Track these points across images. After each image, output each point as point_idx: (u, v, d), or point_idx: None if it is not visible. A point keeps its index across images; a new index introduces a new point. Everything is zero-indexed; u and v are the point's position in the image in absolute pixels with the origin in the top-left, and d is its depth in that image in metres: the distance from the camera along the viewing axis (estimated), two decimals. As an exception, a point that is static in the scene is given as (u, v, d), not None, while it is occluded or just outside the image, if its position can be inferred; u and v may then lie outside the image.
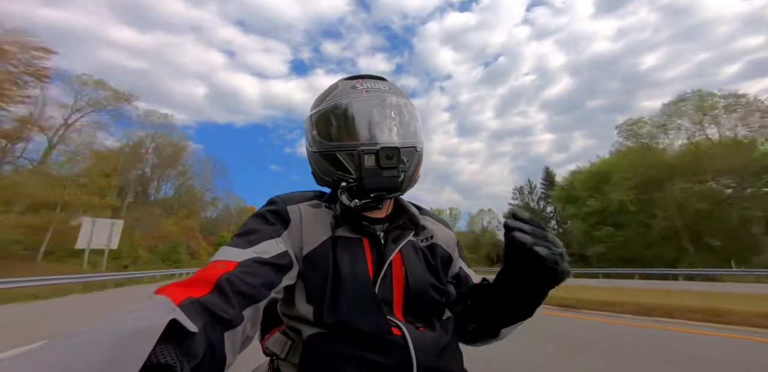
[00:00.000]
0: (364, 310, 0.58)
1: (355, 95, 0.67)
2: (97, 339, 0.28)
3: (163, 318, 0.33)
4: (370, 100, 0.67)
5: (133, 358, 0.27)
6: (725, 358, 3.23)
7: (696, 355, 3.36)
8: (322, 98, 0.71)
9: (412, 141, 0.68)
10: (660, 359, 3.23)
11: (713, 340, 4.05)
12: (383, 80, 0.73)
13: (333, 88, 0.72)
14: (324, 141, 0.67)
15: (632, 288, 10.44)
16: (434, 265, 0.69)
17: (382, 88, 0.70)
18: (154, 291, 0.42)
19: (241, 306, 0.46)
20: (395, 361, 0.55)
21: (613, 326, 5.01)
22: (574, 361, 3.24)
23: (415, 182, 0.71)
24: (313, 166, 0.73)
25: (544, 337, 4.19)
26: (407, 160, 0.65)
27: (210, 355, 0.39)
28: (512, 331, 0.70)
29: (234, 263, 0.50)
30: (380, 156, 0.60)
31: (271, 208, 0.65)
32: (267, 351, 0.66)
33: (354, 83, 0.70)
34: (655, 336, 4.31)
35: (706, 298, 6.86)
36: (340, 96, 0.68)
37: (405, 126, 0.69)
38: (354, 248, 0.63)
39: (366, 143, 0.64)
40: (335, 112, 0.67)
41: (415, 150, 0.68)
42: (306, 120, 0.73)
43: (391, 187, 0.62)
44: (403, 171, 0.63)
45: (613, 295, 7.91)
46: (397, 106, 0.69)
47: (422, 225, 0.73)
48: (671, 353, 3.45)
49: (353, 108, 0.66)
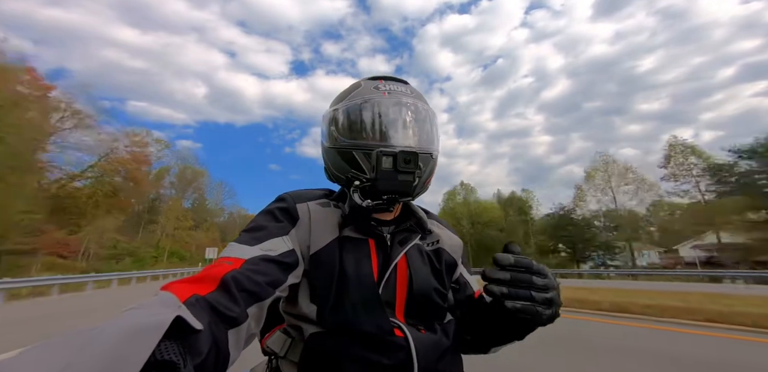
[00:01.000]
0: (367, 310, 0.58)
1: (378, 96, 0.66)
2: (101, 335, 0.28)
3: (168, 315, 0.33)
4: (391, 101, 0.66)
5: (136, 354, 0.27)
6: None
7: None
8: (344, 95, 0.71)
9: (429, 147, 0.67)
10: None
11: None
12: (406, 84, 0.73)
13: (355, 86, 0.71)
14: (341, 137, 0.66)
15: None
16: (439, 269, 0.69)
17: (404, 92, 0.69)
18: (161, 287, 0.42)
19: (246, 304, 0.45)
20: (396, 362, 0.55)
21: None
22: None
23: (426, 189, 0.70)
24: (326, 162, 0.72)
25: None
26: (423, 165, 0.64)
27: (214, 353, 0.39)
28: (501, 349, 0.70)
29: (241, 261, 0.50)
30: (398, 159, 0.59)
31: (280, 205, 0.65)
32: (266, 349, 0.66)
33: (377, 84, 0.70)
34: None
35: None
36: (362, 95, 0.67)
37: (424, 132, 0.68)
38: (360, 249, 0.63)
39: (384, 144, 0.63)
40: (356, 110, 0.66)
41: (431, 157, 0.67)
42: (324, 115, 0.72)
43: (405, 192, 0.61)
44: (418, 176, 0.62)
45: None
46: (417, 111, 0.68)
47: (429, 229, 0.72)
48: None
49: (374, 108, 0.65)
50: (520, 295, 0.52)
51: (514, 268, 0.53)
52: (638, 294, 8.76)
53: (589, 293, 8.93)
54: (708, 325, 5.26)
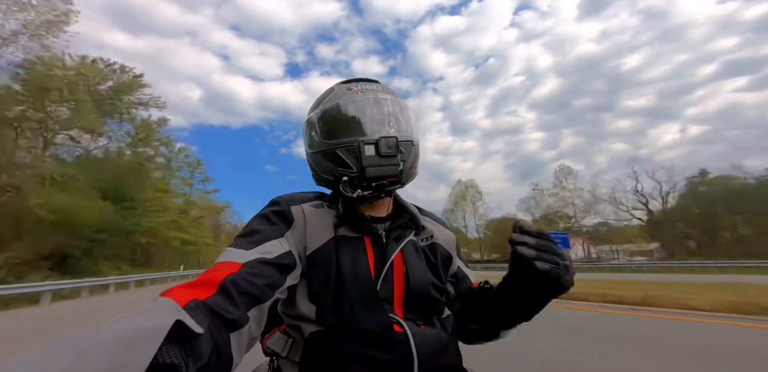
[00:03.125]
0: (365, 308, 0.58)
1: (351, 95, 0.70)
2: (101, 340, 0.27)
3: (168, 319, 0.33)
4: (365, 99, 0.69)
5: (138, 358, 0.27)
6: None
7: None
8: (320, 101, 0.73)
9: (408, 135, 0.70)
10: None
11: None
12: (376, 82, 0.76)
13: (329, 91, 0.74)
14: (324, 140, 0.68)
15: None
16: (435, 263, 0.70)
17: (375, 89, 0.72)
18: (160, 293, 0.42)
19: (246, 307, 0.46)
20: (397, 357, 0.56)
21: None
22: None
23: (414, 177, 0.73)
24: (313, 168, 0.73)
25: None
26: (405, 151, 0.67)
27: (216, 357, 0.39)
28: (511, 333, 0.71)
29: (238, 265, 0.50)
30: (380, 145, 0.62)
31: (274, 209, 0.65)
32: (267, 350, 0.66)
33: (349, 86, 0.73)
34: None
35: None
36: (336, 97, 0.70)
37: (400, 121, 0.71)
38: (356, 247, 0.64)
39: (365, 138, 0.65)
40: (333, 112, 0.69)
41: (412, 144, 0.70)
42: (305, 123, 0.75)
43: (392, 175, 0.63)
44: (402, 160, 0.65)
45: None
46: (391, 104, 0.71)
47: (422, 225, 0.73)
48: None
49: (350, 107, 0.68)
50: (546, 258, 0.54)
51: (539, 235, 0.56)
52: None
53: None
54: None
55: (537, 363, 3.11)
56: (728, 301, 5.76)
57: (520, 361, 3.12)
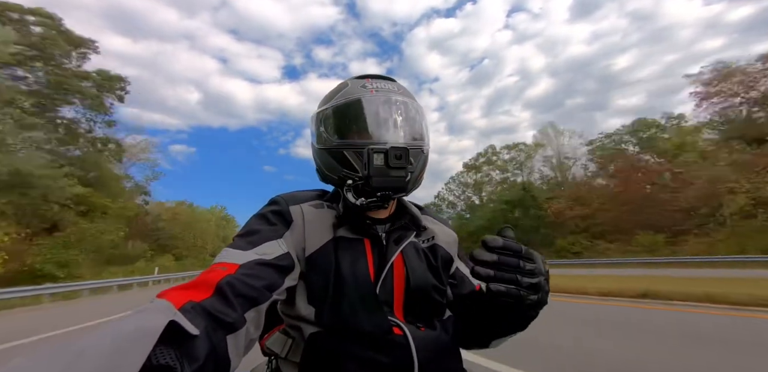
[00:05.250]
0: (365, 310, 0.58)
1: (366, 94, 0.66)
2: (97, 342, 0.28)
3: (162, 320, 0.32)
4: (379, 99, 0.66)
5: (131, 358, 0.27)
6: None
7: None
8: (332, 95, 0.70)
9: (420, 142, 0.67)
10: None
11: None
12: (393, 81, 0.72)
13: (343, 86, 0.71)
14: (331, 138, 0.66)
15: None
16: (435, 265, 0.69)
17: (391, 89, 0.69)
18: (156, 295, 0.41)
19: (243, 309, 0.45)
20: (397, 360, 0.55)
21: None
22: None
23: (419, 184, 0.70)
24: (318, 163, 0.71)
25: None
26: (414, 160, 0.64)
27: (213, 359, 0.38)
28: (503, 343, 0.68)
29: (235, 266, 0.50)
30: (389, 155, 0.59)
31: (273, 209, 0.64)
32: (266, 350, 0.65)
33: (364, 82, 0.69)
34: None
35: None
36: (349, 94, 0.67)
37: (413, 127, 0.68)
38: (355, 249, 0.63)
39: (374, 142, 0.62)
40: (344, 109, 0.66)
41: (422, 151, 0.67)
42: (313, 116, 0.72)
43: (398, 187, 0.61)
44: (410, 172, 0.62)
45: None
46: (405, 107, 0.68)
47: (423, 225, 0.72)
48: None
49: (362, 106, 0.65)
50: (506, 278, 0.49)
51: (502, 251, 0.50)
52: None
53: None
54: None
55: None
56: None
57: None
